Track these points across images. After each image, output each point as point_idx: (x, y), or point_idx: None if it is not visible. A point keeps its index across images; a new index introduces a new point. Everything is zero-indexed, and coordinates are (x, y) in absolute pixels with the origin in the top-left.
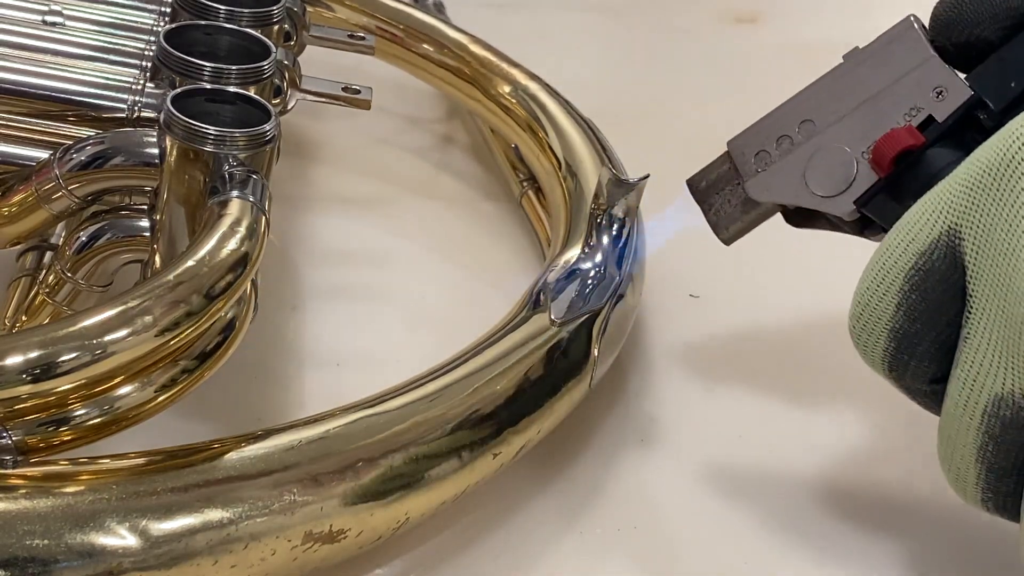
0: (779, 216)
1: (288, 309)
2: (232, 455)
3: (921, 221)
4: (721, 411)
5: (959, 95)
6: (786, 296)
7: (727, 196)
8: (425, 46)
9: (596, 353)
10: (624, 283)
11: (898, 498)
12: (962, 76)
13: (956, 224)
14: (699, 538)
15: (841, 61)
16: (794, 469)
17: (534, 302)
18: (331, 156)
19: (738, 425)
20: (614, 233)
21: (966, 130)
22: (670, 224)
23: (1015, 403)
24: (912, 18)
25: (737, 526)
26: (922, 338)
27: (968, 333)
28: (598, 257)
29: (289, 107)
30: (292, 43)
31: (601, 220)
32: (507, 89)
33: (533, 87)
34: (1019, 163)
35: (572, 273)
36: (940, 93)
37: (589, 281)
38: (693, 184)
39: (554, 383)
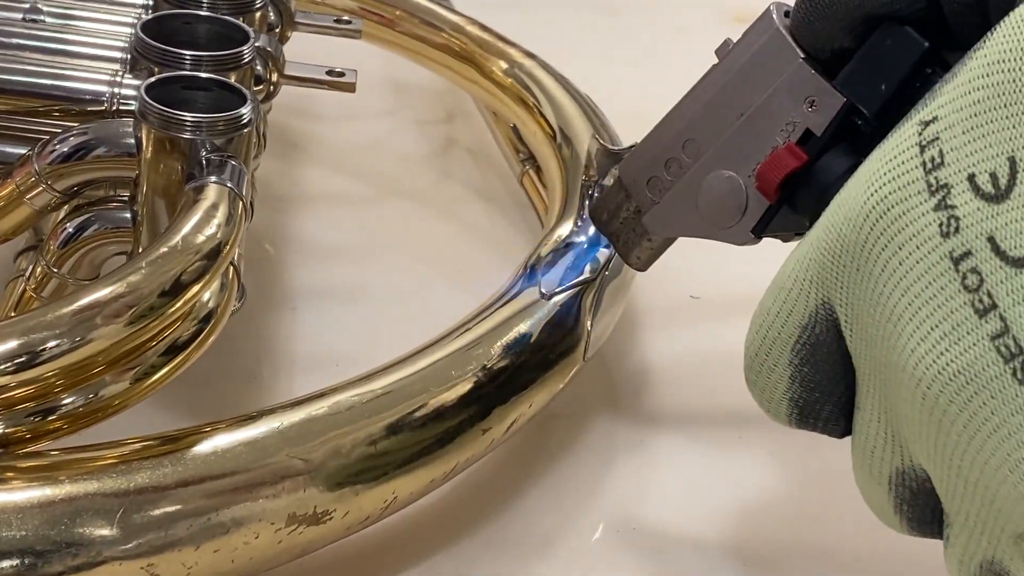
0: None
1: (288, 310)
2: (211, 441)
3: (795, 291)
4: (720, 412)
5: (831, 105)
6: None
7: (630, 225)
8: (418, 28)
9: (589, 326)
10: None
11: None
12: (830, 82)
13: (828, 298)
14: (698, 539)
15: (715, 60)
16: (794, 470)
17: (527, 276)
18: (331, 157)
19: (737, 426)
20: None
21: (848, 133)
22: None
23: (917, 475)
24: (773, 10)
25: (736, 528)
26: (823, 404)
27: (859, 403)
28: (591, 230)
29: (273, 92)
30: (278, 30)
31: (593, 192)
32: (503, 66)
33: (529, 64)
34: (875, 236)
35: (565, 246)
36: (812, 103)
37: (581, 254)
38: (595, 216)
39: (545, 357)
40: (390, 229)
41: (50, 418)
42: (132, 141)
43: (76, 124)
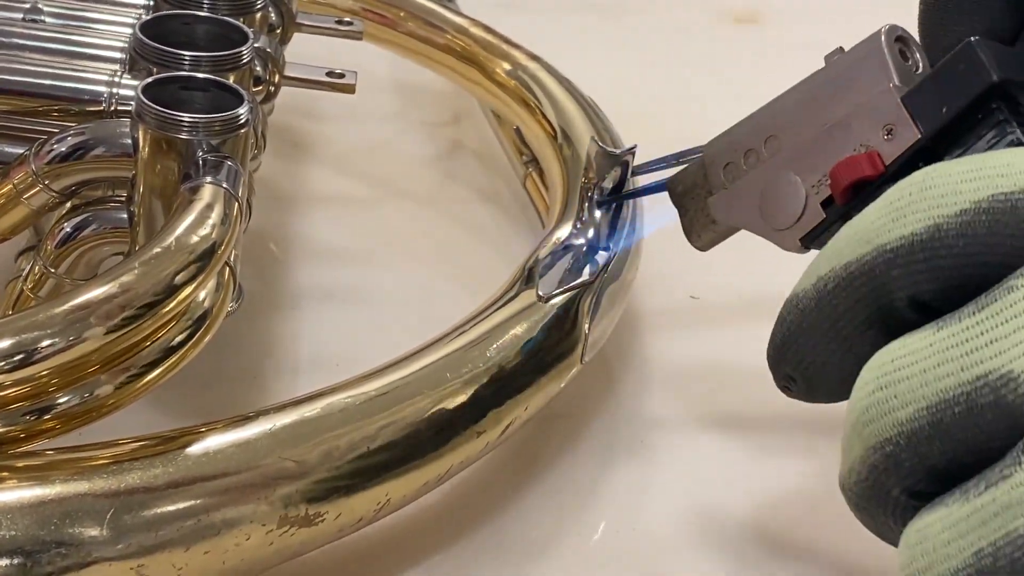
0: None
1: (290, 310)
2: (203, 442)
3: None
4: (720, 413)
5: (907, 137)
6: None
7: (699, 204)
8: (421, 29)
9: (587, 329)
10: (616, 257)
11: None
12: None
13: None
14: (698, 540)
15: (822, 65)
16: (795, 473)
17: (525, 279)
18: (336, 158)
19: (738, 428)
20: (605, 206)
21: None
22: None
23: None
24: (884, 30)
25: (736, 530)
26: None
27: None
28: (590, 232)
29: (273, 93)
30: (278, 31)
31: (592, 194)
32: (506, 68)
33: (532, 66)
34: None
35: (563, 248)
36: (890, 131)
37: (579, 256)
38: (671, 187)
39: (541, 360)
40: (394, 230)
41: (45, 417)
42: (129, 141)
43: (74, 124)
